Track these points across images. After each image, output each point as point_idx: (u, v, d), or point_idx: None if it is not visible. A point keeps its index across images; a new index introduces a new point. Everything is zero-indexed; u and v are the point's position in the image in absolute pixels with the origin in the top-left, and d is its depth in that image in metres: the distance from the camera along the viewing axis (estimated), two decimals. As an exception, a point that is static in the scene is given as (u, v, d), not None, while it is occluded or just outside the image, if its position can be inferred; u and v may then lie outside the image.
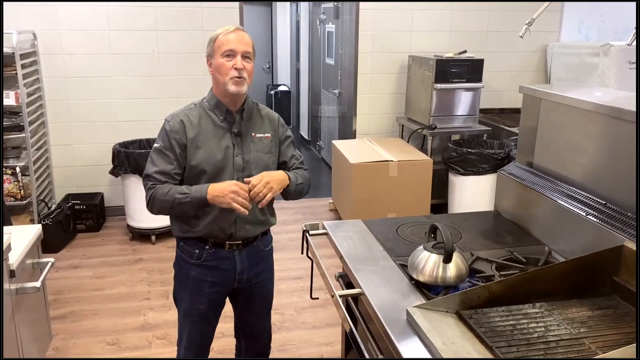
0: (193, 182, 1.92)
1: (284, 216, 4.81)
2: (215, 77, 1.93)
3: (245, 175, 1.95)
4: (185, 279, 2.04)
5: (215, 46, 1.90)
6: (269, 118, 2.07)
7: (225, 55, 1.87)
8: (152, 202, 1.91)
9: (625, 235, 1.62)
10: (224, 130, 1.95)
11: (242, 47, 1.88)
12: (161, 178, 1.90)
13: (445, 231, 1.59)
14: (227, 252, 2.01)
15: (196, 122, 1.93)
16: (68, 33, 4.32)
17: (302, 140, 7.96)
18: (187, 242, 2.00)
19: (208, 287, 2.02)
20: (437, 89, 4.31)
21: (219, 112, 1.96)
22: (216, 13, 4.51)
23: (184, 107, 1.99)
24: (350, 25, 5.07)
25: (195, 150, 1.91)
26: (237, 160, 1.95)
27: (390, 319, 1.48)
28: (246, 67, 1.88)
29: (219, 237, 1.98)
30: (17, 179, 4.03)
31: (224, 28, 1.91)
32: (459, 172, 4.17)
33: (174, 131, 1.91)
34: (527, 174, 2.20)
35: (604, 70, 4.34)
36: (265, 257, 2.13)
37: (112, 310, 3.26)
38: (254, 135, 2.00)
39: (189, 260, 2.01)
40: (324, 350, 2.91)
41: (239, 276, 2.04)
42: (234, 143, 1.95)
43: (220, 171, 1.92)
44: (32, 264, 2.41)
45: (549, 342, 1.36)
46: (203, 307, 2.04)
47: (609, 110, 1.79)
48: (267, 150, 2.02)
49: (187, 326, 2.08)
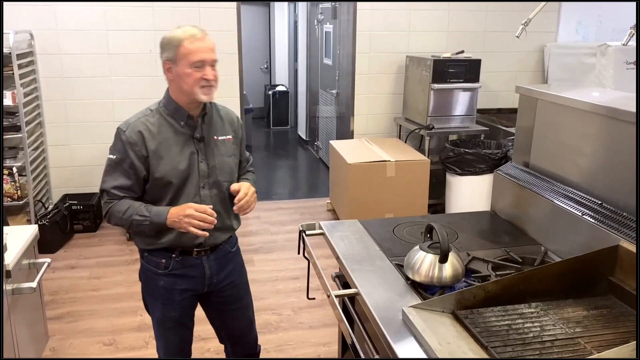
0: (158, 194, 1.86)
1: (281, 216, 4.81)
2: (178, 84, 1.80)
3: (212, 182, 1.90)
4: (154, 289, 1.98)
5: (180, 54, 1.76)
6: (229, 119, 1.99)
7: (195, 67, 1.76)
8: (109, 218, 1.85)
9: (621, 235, 1.62)
10: (185, 137, 1.86)
11: (212, 55, 1.79)
12: (119, 193, 1.83)
13: (441, 231, 1.59)
14: (195, 259, 1.94)
15: (156, 131, 1.83)
16: (65, 33, 4.32)
17: (300, 140, 7.96)
18: (152, 253, 1.92)
19: (179, 295, 1.96)
20: (435, 89, 4.31)
21: (179, 117, 1.85)
22: (214, 13, 4.51)
23: (139, 114, 1.87)
24: (347, 26, 5.07)
25: (158, 161, 1.82)
26: (202, 166, 1.88)
27: (386, 319, 1.48)
28: (215, 76, 1.81)
29: (187, 245, 1.91)
30: (14, 179, 4.02)
31: (185, 32, 1.77)
32: (456, 172, 4.17)
33: (132, 143, 1.80)
34: (524, 174, 2.20)
35: (601, 71, 4.35)
36: (233, 257, 2.08)
37: (109, 311, 3.26)
38: (216, 138, 1.92)
39: (156, 270, 1.94)
40: (321, 351, 2.91)
41: (209, 280, 1.99)
42: (197, 149, 1.88)
43: (186, 180, 1.85)
44: (29, 264, 2.40)
45: (545, 341, 1.37)
46: (176, 314, 1.99)
47: (605, 111, 1.79)
48: (231, 153, 1.96)
49: (162, 333, 2.04)
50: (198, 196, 1.88)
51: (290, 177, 6.58)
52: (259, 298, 3.42)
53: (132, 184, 1.84)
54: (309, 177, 6.53)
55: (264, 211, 4.94)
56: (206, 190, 1.90)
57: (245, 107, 4.90)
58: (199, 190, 1.88)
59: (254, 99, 8.72)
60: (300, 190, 5.92)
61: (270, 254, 4.04)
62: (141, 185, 1.86)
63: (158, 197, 1.87)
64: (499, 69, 5.09)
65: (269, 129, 8.80)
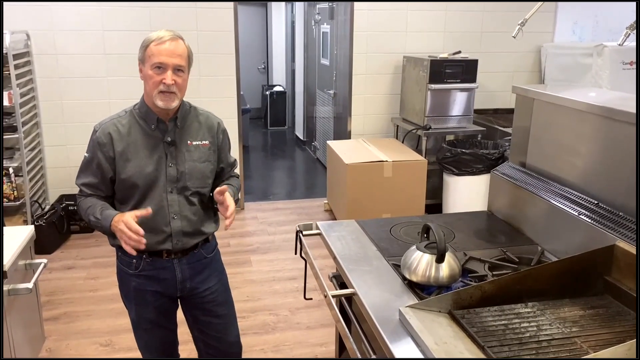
0: (126, 195, 1.85)
1: (278, 216, 4.81)
2: (145, 86, 1.80)
3: (180, 187, 1.86)
4: (127, 289, 1.96)
5: (146, 54, 1.75)
6: (208, 124, 1.94)
7: (155, 67, 1.74)
8: (78, 211, 1.89)
9: (617, 235, 1.63)
10: (155, 140, 1.84)
11: (174, 60, 1.74)
12: (87, 190, 1.85)
13: (437, 231, 1.59)
14: (165, 261, 1.91)
15: (125, 132, 1.82)
16: (62, 33, 4.31)
17: (298, 141, 7.96)
18: (124, 251, 1.81)
19: (151, 296, 1.94)
20: (432, 89, 4.32)
21: (150, 121, 1.84)
22: (210, 13, 4.51)
23: (115, 114, 1.88)
24: (345, 26, 5.07)
25: (125, 163, 1.81)
26: (171, 171, 1.85)
27: (382, 319, 1.48)
28: (177, 82, 1.75)
29: (155, 250, 1.89)
30: (11, 179, 4.01)
31: (157, 34, 1.76)
32: (453, 173, 4.18)
33: (101, 144, 1.81)
34: (520, 174, 2.21)
35: (597, 71, 4.36)
36: (210, 264, 2.02)
37: (106, 312, 3.25)
38: (189, 143, 1.88)
39: (128, 270, 1.93)
40: (318, 351, 2.91)
41: (181, 285, 1.95)
42: (167, 153, 1.84)
43: (153, 184, 1.83)
44: (25, 265, 2.39)
45: (541, 341, 1.37)
46: (150, 316, 1.97)
47: (602, 111, 1.80)
48: (205, 159, 1.91)
49: (140, 334, 2.03)
50: (165, 200, 1.85)
51: (287, 177, 6.58)
52: (256, 298, 3.42)
53: (99, 183, 1.85)
54: (306, 178, 6.53)
55: (261, 211, 4.93)
56: (174, 195, 1.87)
57: (242, 107, 4.89)
58: (167, 194, 1.85)
59: (251, 100, 8.72)
60: (297, 191, 5.92)
61: (267, 255, 4.04)
62: (108, 185, 1.86)
63: (125, 198, 1.87)
64: (495, 69, 5.10)
65: (266, 130, 8.80)
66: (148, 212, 1.75)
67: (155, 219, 1.83)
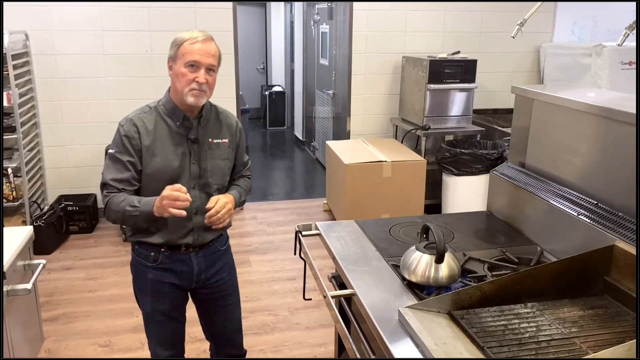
0: (149, 191, 1.88)
1: (278, 217, 4.81)
2: (174, 83, 1.86)
3: (202, 183, 1.93)
4: (143, 282, 2.01)
5: (180, 53, 1.81)
6: (228, 123, 2.01)
7: (189, 66, 1.80)
8: (107, 212, 1.88)
9: (617, 235, 1.63)
10: (180, 137, 1.89)
11: (208, 59, 1.81)
12: (117, 185, 1.86)
13: (437, 231, 1.58)
14: (183, 254, 1.98)
15: (151, 127, 1.87)
16: (61, 33, 4.30)
17: (297, 141, 7.96)
18: (142, 245, 1.96)
19: (167, 288, 2.00)
20: (431, 89, 4.32)
21: (176, 117, 1.89)
22: (210, 13, 4.50)
23: (138, 110, 1.92)
24: (344, 26, 5.07)
25: (151, 157, 1.86)
26: (193, 167, 1.91)
27: (382, 320, 1.47)
28: (208, 81, 1.83)
29: (177, 244, 1.95)
30: (9, 180, 4.00)
31: (191, 34, 1.82)
32: (453, 173, 4.18)
33: (129, 137, 1.84)
34: (520, 174, 2.21)
35: (596, 71, 4.36)
36: (222, 255, 2.11)
37: (105, 312, 3.24)
38: (211, 141, 1.94)
39: (146, 263, 1.98)
40: (318, 351, 2.90)
41: (197, 277, 2.03)
42: (190, 150, 1.90)
43: (177, 179, 1.87)
44: (23, 265, 2.39)
45: (540, 342, 1.37)
46: (165, 307, 2.02)
47: (601, 111, 1.80)
48: (225, 157, 1.98)
49: (153, 327, 2.07)
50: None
51: (286, 177, 6.57)
52: (256, 299, 3.42)
53: (129, 177, 1.86)
54: (305, 178, 6.53)
55: (261, 212, 4.93)
56: (196, 191, 1.92)
57: (241, 107, 4.89)
58: (189, 190, 1.88)
59: (251, 100, 8.71)
60: (296, 191, 5.92)
61: (266, 255, 4.04)
62: (137, 179, 1.89)
63: (148, 194, 1.89)
64: (495, 69, 5.10)
65: (266, 130, 8.79)
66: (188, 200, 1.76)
67: None
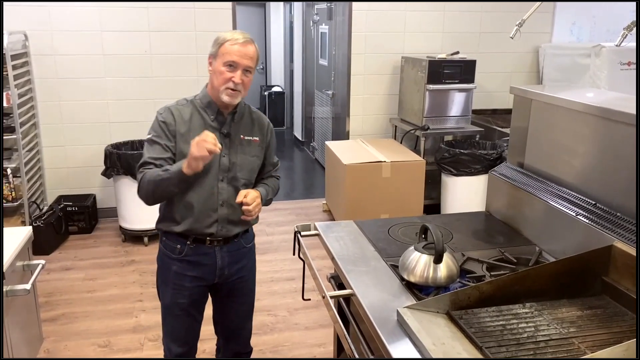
0: None
1: (277, 217, 4.81)
2: (212, 79, 1.93)
3: (231, 177, 1.98)
4: (166, 273, 2.06)
5: (220, 51, 1.89)
6: (260, 122, 2.09)
7: (227, 65, 1.87)
8: (140, 185, 1.92)
9: (615, 236, 1.63)
10: (213, 130, 1.94)
11: (246, 61, 1.89)
12: (155, 162, 1.91)
13: (435, 232, 1.59)
14: (208, 248, 2.02)
15: (187, 118, 1.95)
16: (60, 34, 4.30)
17: (296, 141, 7.96)
18: (169, 237, 2.03)
19: (189, 282, 2.04)
20: (430, 89, 4.32)
21: (211, 111, 1.97)
22: (209, 14, 4.50)
23: (175, 102, 2.00)
24: (343, 26, 5.07)
25: (185, 145, 1.90)
26: (224, 160, 1.97)
27: (380, 320, 1.48)
28: (244, 81, 1.90)
29: (200, 232, 1.99)
30: (9, 180, 4.00)
31: (233, 34, 1.90)
32: (452, 173, 4.18)
33: (166, 122, 1.92)
34: (518, 174, 2.21)
35: (595, 71, 4.37)
36: (247, 253, 2.16)
37: (104, 312, 3.24)
38: (242, 137, 2.02)
39: (171, 255, 2.03)
40: (317, 352, 2.91)
41: (220, 272, 2.07)
42: (222, 143, 1.94)
43: (207, 170, 1.92)
44: (23, 266, 2.39)
45: (539, 342, 1.37)
46: (185, 302, 2.06)
47: (599, 111, 1.80)
48: (254, 154, 2.04)
49: (170, 320, 2.11)
50: (216, 188, 1.96)
51: (286, 177, 6.57)
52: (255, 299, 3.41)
53: (167, 157, 1.92)
54: (304, 178, 6.53)
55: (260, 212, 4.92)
56: (224, 184, 1.98)
57: (240, 108, 4.88)
58: (218, 182, 1.96)
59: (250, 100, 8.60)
60: (296, 191, 5.92)
61: (265, 255, 4.04)
62: (173, 160, 1.93)
63: None
64: (494, 69, 5.10)
65: (265, 130, 8.78)
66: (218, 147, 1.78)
67: (205, 204, 1.95)
